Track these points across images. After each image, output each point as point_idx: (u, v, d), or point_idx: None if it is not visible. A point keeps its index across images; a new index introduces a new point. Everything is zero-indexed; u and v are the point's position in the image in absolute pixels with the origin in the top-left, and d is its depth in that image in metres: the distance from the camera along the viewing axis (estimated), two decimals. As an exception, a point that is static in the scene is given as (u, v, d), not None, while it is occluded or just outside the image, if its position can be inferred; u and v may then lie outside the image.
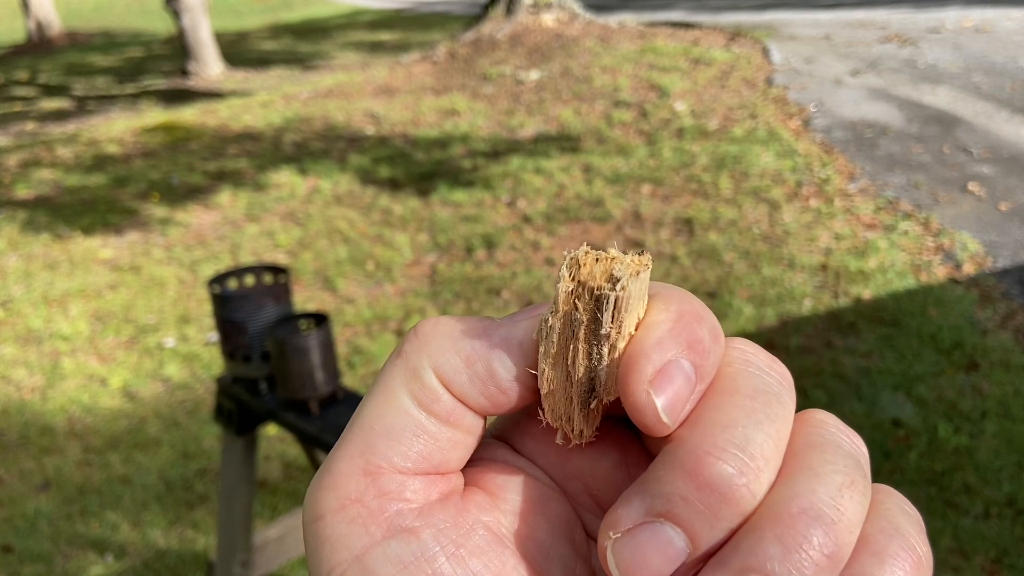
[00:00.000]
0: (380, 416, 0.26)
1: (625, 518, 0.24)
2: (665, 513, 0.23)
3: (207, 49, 11.01)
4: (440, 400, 0.26)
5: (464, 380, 0.26)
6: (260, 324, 1.82)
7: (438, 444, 0.26)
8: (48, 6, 16.03)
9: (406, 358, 0.27)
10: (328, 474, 0.26)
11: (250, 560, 2.05)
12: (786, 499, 0.23)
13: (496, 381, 0.26)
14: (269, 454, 3.12)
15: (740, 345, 0.27)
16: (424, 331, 0.27)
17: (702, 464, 0.23)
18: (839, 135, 5.55)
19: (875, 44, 7.74)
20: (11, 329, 4.21)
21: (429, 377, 0.26)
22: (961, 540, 2.41)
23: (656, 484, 0.24)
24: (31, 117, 9.50)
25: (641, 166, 5.38)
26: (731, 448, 0.23)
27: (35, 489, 3.09)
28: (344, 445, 0.26)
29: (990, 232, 4.10)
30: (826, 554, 0.22)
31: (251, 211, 5.41)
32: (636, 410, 0.24)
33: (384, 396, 0.26)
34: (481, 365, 0.26)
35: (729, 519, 0.23)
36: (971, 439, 2.79)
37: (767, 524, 0.23)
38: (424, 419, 0.26)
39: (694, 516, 0.23)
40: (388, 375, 0.27)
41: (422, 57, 9.09)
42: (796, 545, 0.22)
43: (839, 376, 3.17)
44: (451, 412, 0.26)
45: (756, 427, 0.24)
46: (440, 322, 0.27)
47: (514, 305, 3.94)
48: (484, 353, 0.26)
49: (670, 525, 0.23)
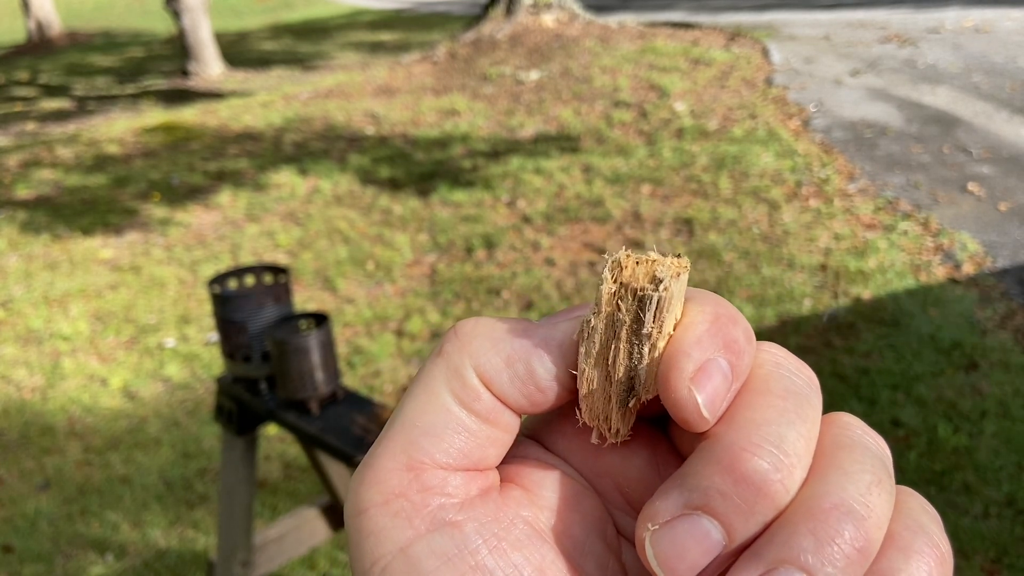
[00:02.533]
0: (422, 414, 0.27)
1: (664, 510, 0.24)
2: (703, 506, 0.24)
3: (207, 49, 11.01)
4: (481, 399, 0.27)
5: (504, 380, 0.27)
6: (260, 324, 1.82)
7: (478, 441, 0.27)
8: (48, 6, 16.03)
9: (447, 357, 0.27)
10: (370, 469, 0.27)
11: (250, 560, 2.05)
12: (818, 495, 0.24)
13: (536, 381, 0.27)
14: (269, 454, 3.12)
15: (770, 348, 0.28)
16: (465, 331, 0.28)
17: (739, 460, 0.24)
18: (839, 135, 5.55)
19: (875, 44, 7.74)
20: (11, 329, 4.21)
21: (470, 376, 0.27)
22: (961, 540, 2.42)
23: (694, 478, 0.24)
24: (31, 117, 9.50)
25: (641, 166, 5.38)
26: (766, 445, 0.24)
27: (35, 489, 3.09)
28: (386, 442, 0.27)
29: (990, 232, 4.10)
30: (857, 548, 0.23)
31: (251, 211, 5.41)
32: (678, 406, 0.25)
33: (426, 394, 0.27)
34: (521, 365, 0.27)
35: (763, 513, 0.24)
36: (970, 439, 2.79)
37: (800, 518, 0.23)
38: (465, 417, 0.27)
39: (731, 509, 0.24)
40: (429, 374, 0.28)
41: (422, 57, 9.09)
42: (829, 539, 0.23)
43: (839, 376, 3.17)
44: (491, 411, 0.27)
45: (789, 426, 0.25)
46: (480, 322, 0.28)
47: (514, 305, 3.95)
48: (524, 353, 0.27)
49: (707, 518, 0.24)
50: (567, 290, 4.02)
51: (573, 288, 4.03)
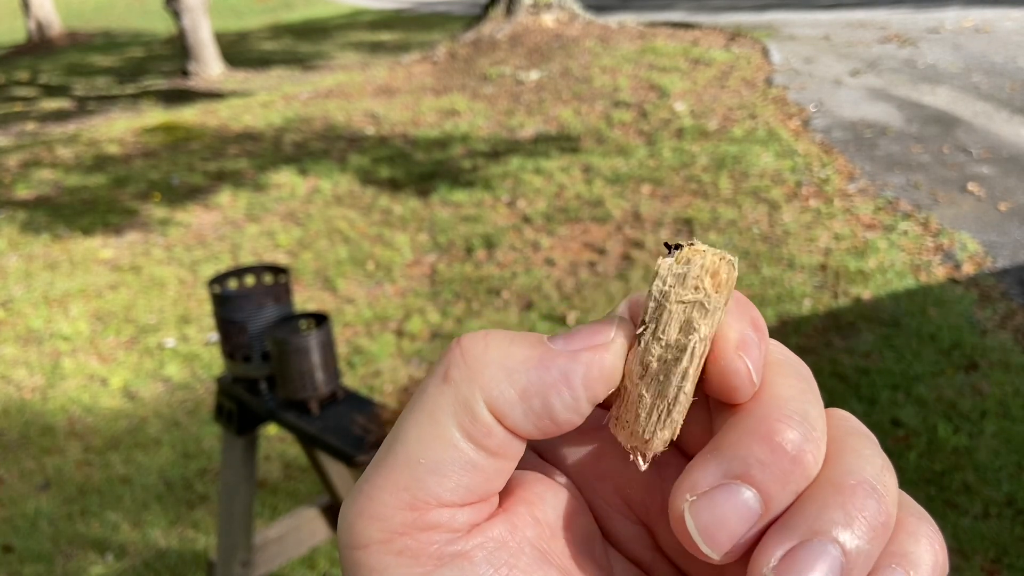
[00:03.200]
0: (427, 449, 0.25)
1: (702, 481, 0.24)
2: (742, 475, 0.24)
3: (207, 49, 11.01)
4: (492, 435, 0.25)
5: (519, 414, 0.25)
6: (260, 324, 1.82)
7: (486, 476, 0.26)
8: (48, 6, 16.03)
9: (455, 387, 0.25)
10: (370, 502, 0.25)
11: (250, 560, 2.05)
12: (842, 473, 0.25)
13: (552, 416, 0.25)
14: (269, 454, 3.12)
15: (775, 341, 0.28)
16: (474, 356, 0.26)
17: (774, 430, 0.25)
18: (839, 135, 5.55)
19: (875, 44, 7.74)
20: (11, 329, 4.21)
21: (482, 411, 0.25)
22: (960, 540, 2.42)
23: (731, 449, 0.25)
24: (31, 117, 9.50)
25: (641, 166, 5.38)
26: (796, 416, 0.25)
27: (35, 489, 3.09)
28: (387, 473, 0.25)
29: (989, 232, 4.11)
30: (880, 523, 0.24)
31: (251, 211, 5.41)
32: (727, 374, 0.26)
33: (431, 427, 0.25)
34: (538, 401, 0.25)
35: (797, 483, 0.24)
36: (970, 439, 2.79)
37: (828, 493, 0.24)
38: (474, 454, 0.25)
39: (768, 478, 0.24)
40: (435, 403, 0.25)
41: (422, 57, 9.09)
42: (857, 512, 0.24)
43: (839, 376, 3.17)
44: (501, 445, 0.25)
45: (809, 404, 0.26)
46: (490, 345, 0.26)
47: (514, 305, 3.95)
48: (541, 388, 0.25)
49: (746, 486, 0.24)
50: (567, 290, 4.02)
51: (573, 288, 4.04)
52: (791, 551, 0.23)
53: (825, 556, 0.23)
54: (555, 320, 3.77)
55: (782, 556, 0.23)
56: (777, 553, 0.23)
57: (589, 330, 0.26)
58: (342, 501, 1.75)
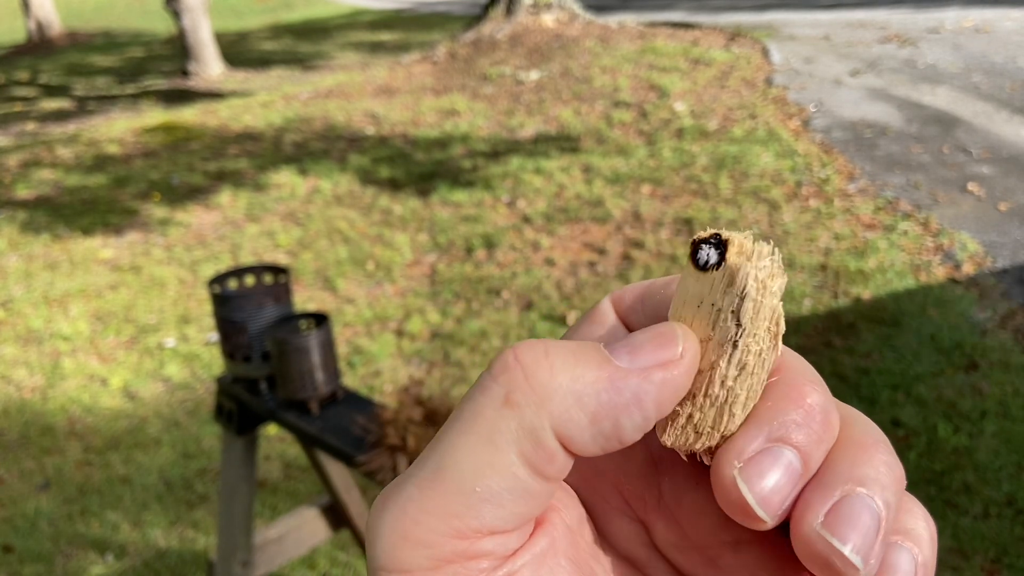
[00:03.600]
0: (483, 477, 0.24)
1: (748, 447, 0.25)
2: (783, 437, 0.25)
3: (207, 49, 11.01)
4: (555, 461, 0.24)
5: (587, 439, 0.24)
6: (260, 324, 1.83)
7: (539, 501, 0.25)
8: (48, 6, 16.04)
9: (520, 412, 0.24)
10: (416, 527, 0.24)
11: (250, 560, 2.05)
12: (859, 434, 0.26)
13: (621, 438, 0.25)
14: (269, 454, 3.12)
15: None
16: (540, 380, 0.24)
17: (804, 393, 0.26)
18: (839, 135, 5.55)
19: (875, 44, 7.74)
20: (11, 329, 4.21)
21: (548, 439, 0.24)
22: (960, 540, 2.42)
23: (768, 414, 0.26)
24: (31, 117, 9.50)
25: (641, 166, 5.38)
26: (817, 381, 0.27)
27: (35, 489, 3.09)
28: (436, 499, 0.24)
29: (989, 232, 4.11)
30: (898, 476, 0.26)
31: (251, 211, 5.41)
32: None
33: (489, 454, 0.24)
34: (609, 423, 0.24)
35: (828, 442, 0.26)
36: (970, 439, 2.79)
37: (855, 451, 0.26)
38: (532, 482, 0.24)
39: (805, 438, 0.25)
40: (494, 428, 0.24)
41: (422, 57, 9.09)
42: (884, 466, 0.25)
43: (839, 376, 3.17)
44: (560, 470, 0.25)
45: (819, 376, 0.27)
46: (555, 367, 0.24)
47: (514, 305, 3.95)
48: (613, 411, 0.24)
49: (788, 447, 0.25)
50: (567, 290, 4.02)
51: (573, 288, 4.04)
52: (835, 505, 0.24)
53: (866, 506, 0.24)
54: (555, 320, 3.77)
55: (827, 511, 0.24)
56: (822, 509, 0.24)
57: (653, 342, 0.25)
58: (342, 501, 1.74)
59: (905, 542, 0.26)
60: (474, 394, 0.25)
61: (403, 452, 1.66)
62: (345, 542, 2.62)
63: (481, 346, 3.65)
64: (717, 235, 0.26)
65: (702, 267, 0.26)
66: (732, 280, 0.26)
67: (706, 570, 0.29)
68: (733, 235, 0.26)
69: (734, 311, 0.26)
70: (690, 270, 0.27)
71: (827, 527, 0.24)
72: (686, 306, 0.27)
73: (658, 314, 0.29)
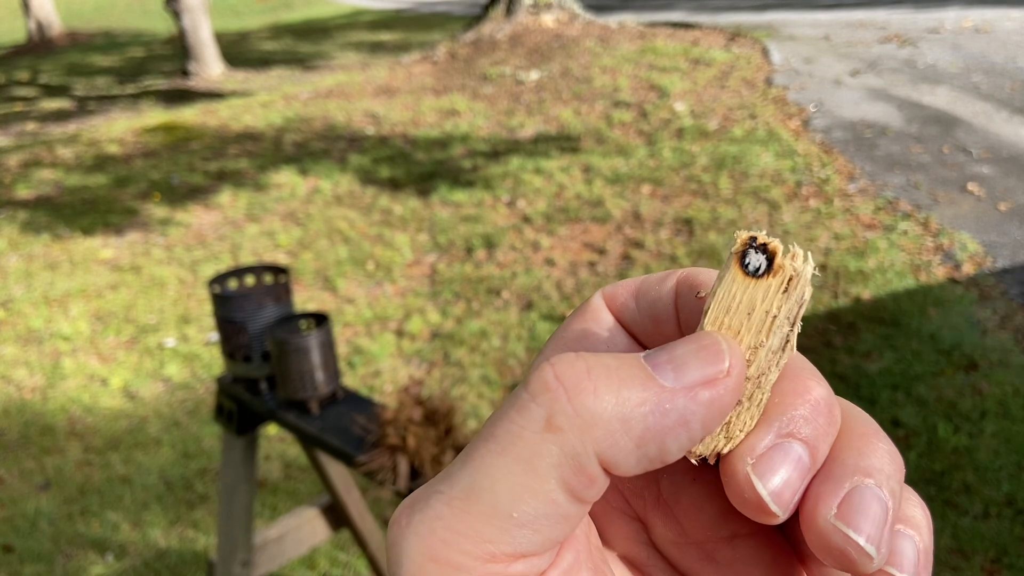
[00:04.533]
0: (520, 502, 0.23)
1: (759, 443, 0.25)
2: (792, 432, 0.25)
3: (208, 49, 11.02)
4: (595, 485, 0.24)
5: (632, 462, 0.23)
6: (260, 324, 1.83)
7: (573, 524, 0.24)
8: (49, 6, 16.04)
9: (563, 439, 0.23)
10: (447, 548, 0.23)
11: (250, 560, 2.05)
12: (859, 427, 0.27)
13: (665, 458, 0.24)
14: (269, 454, 3.12)
15: None
16: (584, 404, 0.23)
17: (808, 387, 0.26)
18: (839, 135, 5.55)
19: (875, 44, 7.74)
20: (12, 329, 4.21)
21: (592, 465, 0.23)
22: (960, 539, 2.42)
23: (777, 409, 0.26)
24: (32, 117, 9.51)
25: (641, 166, 5.38)
26: (819, 377, 0.27)
27: (36, 489, 3.09)
28: (470, 522, 0.23)
29: (989, 232, 4.11)
30: (900, 466, 0.26)
31: (251, 211, 5.41)
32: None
33: (528, 479, 0.23)
34: (654, 446, 0.24)
35: (832, 435, 0.26)
36: (970, 439, 2.79)
37: (858, 442, 0.26)
38: (570, 507, 0.23)
39: (812, 431, 0.26)
40: (534, 452, 0.23)
41: (422, 57, 9.09)
42: (887, 456, 0.26)
43: (838, 376, 3.17)
44: (599, 493, 0.24)
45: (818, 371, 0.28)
46: (599, 389, 0.23)
47: (514, 305, 3.95)
48: (659, 434, 0.23)
49: (797, 442, 0.25)
50: (567, 290, 4.02)
51: (573, 288, 4.04)
52: (847, 497, 0.25)
53: (876, 497, 0.25)
54: (555, 320, 3.77)
55: (839, 503, 0.25)
56: (834, 501, 0.25)
57: (699, 356, 0.25)
58: (342, 501, 1.74)
59: (907, 529, 0.26)
60: (510, 413, 0.24)
61: (403, 452, 1.66)
62: (345, 542, 2.62)
63: (481, 346, 3.65)
64: (754, 238, 0.26)
65: (753, 274, 0.26)
66: (789, 286, 0.25)
67: (703, 565, 0.29)
68: (772, 240, 0.26)
69: (790, 317, 0.26)
70: (738, 277, 0.26)
71: (841, 518, 0.24)
72: (734, 314, 0.26)
73: (653, 311, 0.29)
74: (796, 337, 0.26)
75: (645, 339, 0.29)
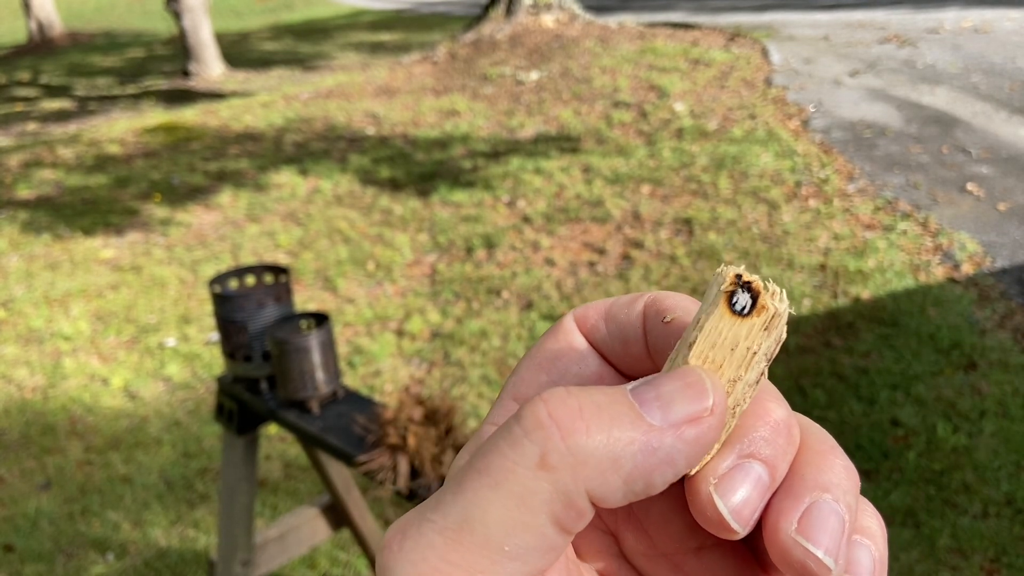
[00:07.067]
0: (511, 536, 0.24)
1: (721, 464, 0.26)
2: (752, 453, 0.26)
3: (208, 50, 11.02)
4: (583, 519, 0.24)
5: (619, 497, 0.24)
6: (261, 324, 1.83)
7: (559, 554, 0.25)
8: (49, 7, 16.04)
9: (556, 476, 0.24)
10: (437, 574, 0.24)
11: (251, 559, 2.06)
12: (817, 443, 0.28)
13: (649, 492, 0.25)
14: (270, 453, 3.13)
15: None
16: (577, 443, 0.24)
17: (769, 410, 0.27)
18: (838, 135, 5.55)
19: (874, 45, 7.74)
20: (12, 329, 4.22)
21: (582, 501, 0.24)
22: (960, 539, 2.42)
23: (739, 431, 0.27)
24: (33, 117, 9.51)
25: (641, 166, 5.38)
26: (780, 399, 0.28)
27: (36, 488, 3.10)
28: (462, 552, 0.24)
29: (989, 232, 4.11)
30: (856, 480, 0.27)
31: (252, 211, 5.42)
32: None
33: (520, 514, 0.24)
34: (641, 483, 0.24)
35: (791, 453, 0.27)
36: (969, 438, 2.80)
37: (816, 459, 0.27)
38: (557, 539, 0.24)
39: (771, 452, 0.27)
40: (527, 489, 0.24)
41: (422, 58, 9.10)
42: (844, 472, 0.27)
43: (838, 376, 3.18)
44: (584, 524, 0.25)
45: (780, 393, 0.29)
46: (591, 428, 0.24)
47: (514, 305, 3.95)
48: (647, 471, 0.24)
49: (757, 462, 0.26)
50: (567, 290, 4.02)
51: (573, 288, 4.04)
52: (806, 512, 0.26)
53: (833, 511, 0.26)
54: (555, 320, 3.77)
55: (799, 518, 0.26)
56: (795, 516, 0.26)
57: (684, 395, 0.26)
58: (343, 501, 1.74)
59: (863, 539, 0.27)
60: (503, 448, 0.24)
61: (403, 452, 1.66)
62: (345, 542, 2.63)
63: (481, 346, 3.66)
64: (739, 276, 0.27)
65: (739, 312, 0.27)
66: (770, 324, 0.27)
67: (672, 575, 0.30)
68: (755, 278, 0.27)
69: (767, 354, 0.27)
70: (725, 315, 0.27)
71: (801, 532, 0.25)
72: (718, 349, 0.27)
73: (622, 334, 0.30)
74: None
75: (615, 360, 0.30)
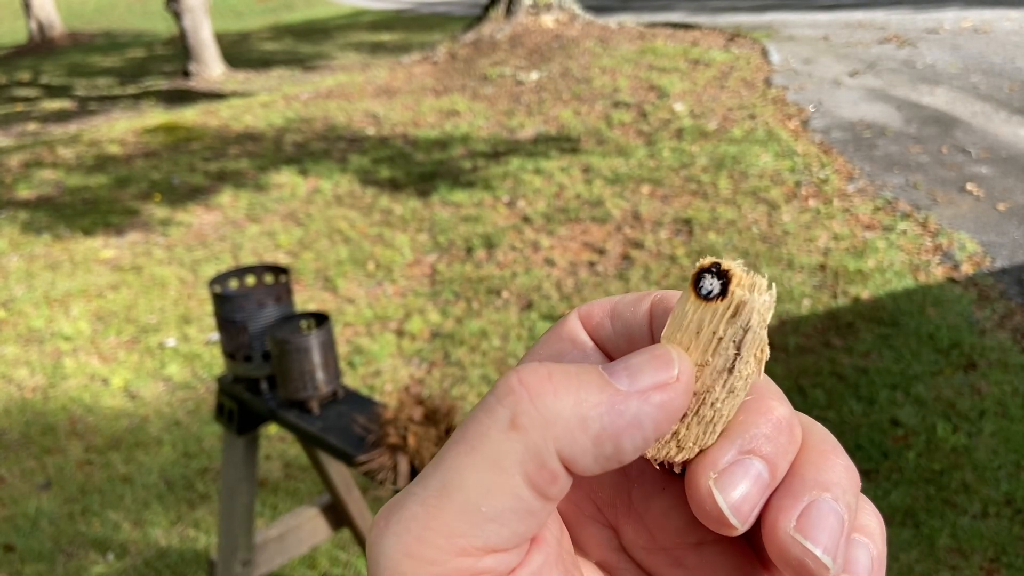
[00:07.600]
0: (488, 498, 0.24)
1: (722, 459, 0.27)
2: (752, 449, 0.27)
3: (208, 50, 11.02)
4: (557, 482, 0.25)
5: (589, 460, 0.25)
6: (261, 324, 1.83)
7: (539, 520, 0.25)
8: (50, 7, 16.05)
9: (526, 436, 0.24)
10: (421, 545, 0.24)
11: (251, 559, 2.06)
12: (819, 442, 0.28)
13: (621, 458, 0.25)
14: (270, 453, 3.13)
15: None
16: (546, 404, 0.25)
17: (771, 407, 0.28)
18: (838, 135, 5.56)
19: (874, 45, 7.75)
20: (13, 329, 4.22)
21: (552, 461, 0.25)
22: (959, 539, 2.42)
23: (740, 427, 0.27)
24: (33, 117, 9.51)
25: (640, 166, 5.39)
26: (782, 398, 0.28)
27: (37, 488, 3.10)
28: (442, 517, 0.24)
29: (988, 232, 4.11)
30: (856, 479, 0.27)
31: (252, 211, 5.42)
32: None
33: (495, 476, 0.24)
34: (610, 445, 0.25)
35: (792, 452, 0.27)
36: (969, 438, 2.80)
37: (817, 458, 0.27)
38: (535, 502, 0.25)
39: (772, 449, 0.27)
40: (500, 450, 0.24)
41: (422, 58, 9.10)
42: (844, 471, 0.27)
43: (837, 376, 3.18)
44: (562, 490, 0.25)
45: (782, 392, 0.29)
46: (559, 390, 0.25)
47: (514, 305, 3.95)
48: (615, 432, 0.25)
49: (758, 459, 0.27)
50: (567, 290, 4.03)
51: (573, 288, 4.04)
52: (805, 510, 0.26)
53: (832, 510, 0.26)
54: (555, 320, 3.77)
55: (798, 516, 0.26)
56: (794, 514, 0.26)
57: (650, 364, 0.26)
58: (343, 501, 1.74)
59: (862, 538, 0.28)
60: (479, 415, 0.25)
61: (403, 451, 1.67)
62: (345, 541, 2.63)
63: (481, 346, 3.66)
64: (717, 264, 0.27)
65: (705, 296, 0.27)
66: (736, 312, 0.27)
67: (672, 570, 0.30)
68: (733, 266, 0.27)
69: (735, 341, 0.27)
70: (691, 298, 0.27)
71: (800, 531, 0.26)
72: (684, 331, 0.27)
73: (628, 332, 0.30)
74: (755, 364, 0.27)
75: (619, 358, 0.31)
